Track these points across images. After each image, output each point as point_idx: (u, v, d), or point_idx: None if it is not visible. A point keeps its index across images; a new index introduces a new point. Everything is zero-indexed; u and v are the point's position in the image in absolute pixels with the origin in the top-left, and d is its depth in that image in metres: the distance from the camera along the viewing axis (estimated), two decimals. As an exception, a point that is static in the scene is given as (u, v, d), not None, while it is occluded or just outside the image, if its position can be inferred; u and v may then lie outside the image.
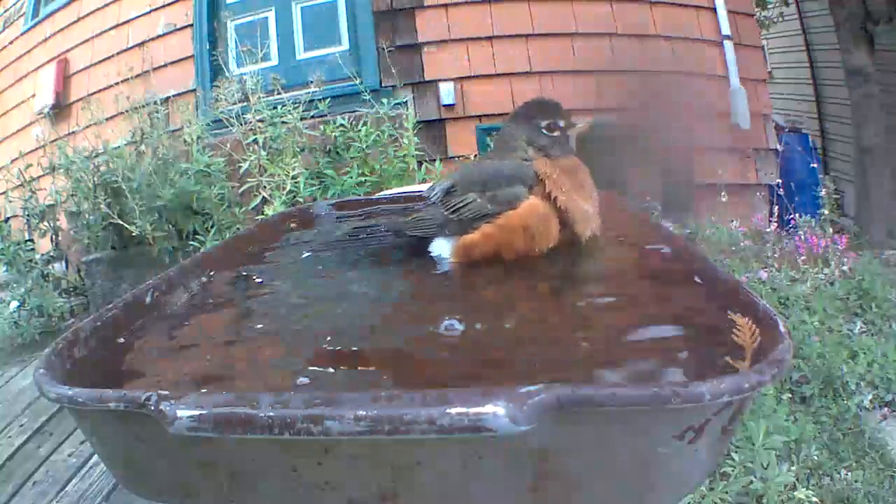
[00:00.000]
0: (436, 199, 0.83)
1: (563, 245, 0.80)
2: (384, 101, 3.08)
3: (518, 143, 0.82)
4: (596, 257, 0.81)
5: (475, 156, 3.29)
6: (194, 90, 3.62)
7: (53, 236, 3.42)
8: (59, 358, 0.52)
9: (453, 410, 0.37)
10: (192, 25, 3.74)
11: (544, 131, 0.81)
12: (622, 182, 3.57)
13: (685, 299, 0.64)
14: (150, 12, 3.86)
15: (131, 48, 3.85)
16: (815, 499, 1.55)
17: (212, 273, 0.80)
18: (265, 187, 2.73)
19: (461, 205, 0.80)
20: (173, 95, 3.55)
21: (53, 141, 3.40)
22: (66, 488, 1.91)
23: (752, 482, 1.56)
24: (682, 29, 3.65)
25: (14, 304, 3.14)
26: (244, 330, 0.72)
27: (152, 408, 0.41)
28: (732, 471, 1.60)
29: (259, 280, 0.88)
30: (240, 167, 2.82)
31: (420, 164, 3.03)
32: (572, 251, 0.80)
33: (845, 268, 2.75)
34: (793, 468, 1.64)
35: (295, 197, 2.71)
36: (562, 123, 0.81)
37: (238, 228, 2.85)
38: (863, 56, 4.27)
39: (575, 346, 0.59)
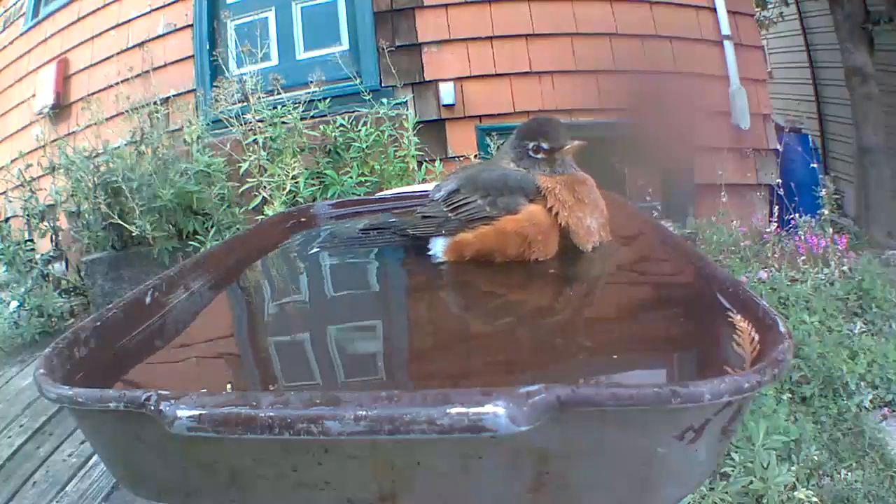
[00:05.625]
0: (440, 200, 0.85)
1: (563, 253, 0.80)
2: (384, 101, 3.08)
3: (503, 163, 0.83)
4: (596, 258, 0.81)
5: (475, 156, 3.29)
6: (194, 90, 3.62)
7: (53, 236, 3.42)
8: (59, 358, 0.52)
9: (453, 410, 0.37)
10: (192, 25, 3.74)
11: (530, 153, 0.81)
12: (622, 181, 3.57)
13: (685, 299, 0.64)
14: (150, 12, 3.86)
15: (131, 48, 3.85)
16: (815, 499, 1.55)
17: (212, 272, 0.80)
18: (265, 187, 2.73)
19: (461, 203, 0.81)
20: (173, 95, 3.55)
21: (53, 141, 3.40)
22: (66, 488, 1.91)
23: (752, 482, 1.56)
24: (682, 29, 3.65)
25: (14, 304, 3.14)
26: (243, 329, 0.72)
27: (152, 408, 0.41)
28: (732, 471, 1.61)
29: (260, 279, 0.88)
30: (240, 167, 2.82)
31: (420, 164, 3.03)
32: (572, 253, 0.80)
33: (845, 268, 2.75)
34: (793, 468, 1.64)
35: (295, 197, 2.71)
36: (546, 146, 0.80)
37: (238, 228, 2.86)
38: (863, 56, 4.26)
39: (575, 346, 0.59)
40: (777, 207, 3.23)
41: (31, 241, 3.38)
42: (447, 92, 3.48)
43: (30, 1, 4.46)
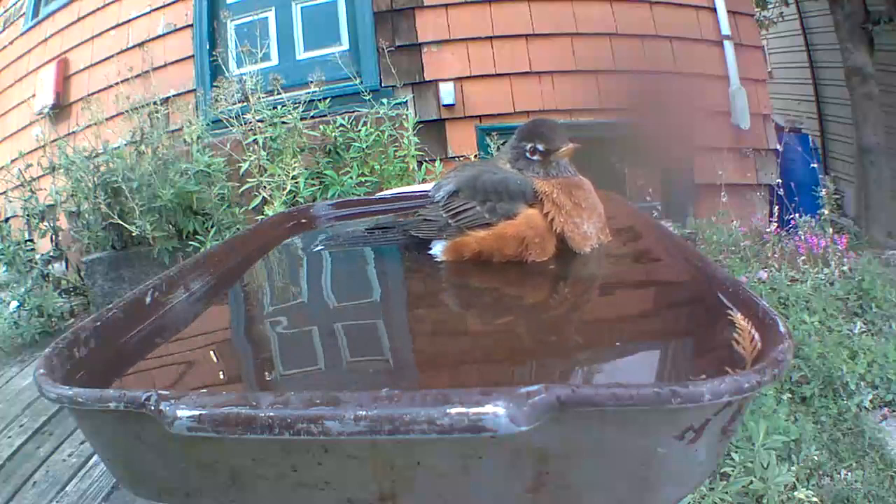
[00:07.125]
0: (440, 202, 0.85)
1: (561, 254, 0.80)
2: (384, 101, 3.08)
3: (501, 164, 0.84)
4: (595, 259, 0.81)
5: (475, 156, 3.29)
6: (194, 90, 3.62)
7: (53, 236, 3.42)
8: (59, 358, 0.52)
9: (453, 410, 0.37)
10: (192, 25, 3.74)
11: (526, 154, 0.82)
12: (622, 181, 3.57)
13: (685, 300, 0.64)
14: (150, 12, 3.86)
15: (131, 48, 3.85)
16: (815, 499, 1.55)
17: (212, 272, 0.80)
18: (265, 187, 2.73)
19: (461, 210, 0.81)
20: (173, 95, 3.55)
21: (53, 141, 3.40)
22: (66, 488, 1.91)
23: (752, 482, 1.56)
24: (682, 29, 3.65)
25: (14, 304, 3.14)
26: (244, 329, 0.72)
27: (152, 408, 0.41)
28: (732, 471, 1.60)
29: (261, 279, 0.88)
30: (240, 167, 2.82)
31: (420, 164, 3.03)
32: (571, 254, 0.80)
33: (845, 268, 2.75)
34: (793, 468, 1.64)
35: (295, 197, 2.71)
36: (541, 148, 0.81)
37: (238, 228, 2.86)
38: (863, 56, 4.27)
39: (575, 345, 0.59)
40: (777, 207, 3.23)
41: (31, 241, 3.38)
42: (447, 92, 3.48)
43: (30, 1, 4.46)
